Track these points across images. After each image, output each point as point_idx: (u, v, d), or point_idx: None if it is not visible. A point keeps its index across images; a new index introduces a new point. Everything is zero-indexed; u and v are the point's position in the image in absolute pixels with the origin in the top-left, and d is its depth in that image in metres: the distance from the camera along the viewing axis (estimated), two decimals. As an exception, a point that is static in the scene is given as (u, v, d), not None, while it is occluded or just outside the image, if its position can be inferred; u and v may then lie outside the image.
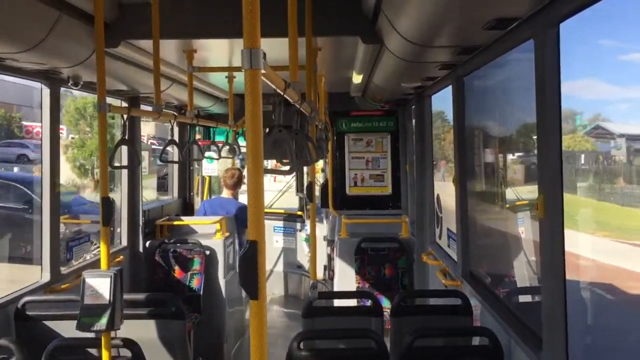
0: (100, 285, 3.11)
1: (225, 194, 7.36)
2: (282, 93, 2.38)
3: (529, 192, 4.05)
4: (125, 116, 3.87)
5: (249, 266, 1.47)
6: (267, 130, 2.55)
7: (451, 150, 4.80)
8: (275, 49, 3.07)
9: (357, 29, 3.86)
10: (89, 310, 3.11)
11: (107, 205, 3.23)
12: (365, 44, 3.97)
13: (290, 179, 10.57)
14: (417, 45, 3.25)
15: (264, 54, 1.50)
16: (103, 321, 3.08)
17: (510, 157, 4.37)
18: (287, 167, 2.79)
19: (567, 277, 2.44)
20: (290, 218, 8.88)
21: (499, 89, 4.21)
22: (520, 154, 4.29)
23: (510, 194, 4.34)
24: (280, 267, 8.86)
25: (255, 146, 1.49)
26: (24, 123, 24.14)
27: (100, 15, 3.24)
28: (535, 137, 3.11)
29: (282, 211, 9.12)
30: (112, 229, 5.64)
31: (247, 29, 1.47)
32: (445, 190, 5.09)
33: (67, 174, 18.71)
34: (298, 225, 8.79)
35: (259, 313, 1.50)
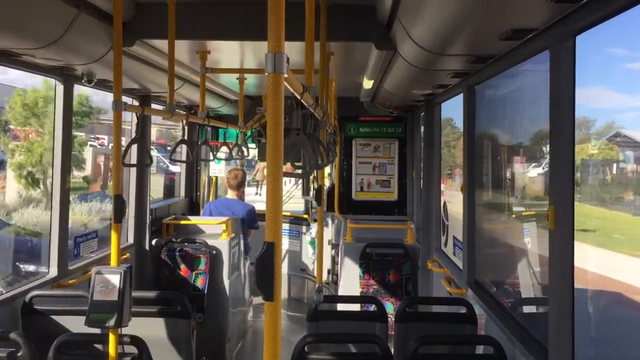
0: (110, 281, 3.13)
1: (230, 194, 7.38)
2: (299, 97, 2.40)
3: (537, 202, 4.06)
4: (137, 114, 3.91)
5: (266, 267, 1.48)
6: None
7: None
8: (288, 52, 3.09)
9: (371, 35, 3.88)
10: (98, 306, 3.12)
11: (119, 202, 3.25)
12: (378, 50, 3.99)
13: (292, 187, 10.55)
14: (431, 53, 3.27)
15: (288, 58, 1.52)
16: (112, 318, 3.09)
17: (518, 167, 4.37)
18: (299, 170, 2.80)
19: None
20: (295, 221, 8.89)
21: (510, 98, 4.22)
22: (530, 164, 4.30)
23: (517, 204, 4.34)
24: (284, 270, 8.87)
25: (276, 149, 1.50)
26: (11, 127, 23.04)
27: (119, 14, 3.27)
28: (544, 147, 3.12)
29: (288, 214, 9.14)
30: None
31: (271, 34, 1.49)
32: (459, 200, 5.05)
33: (11, 186, 15.49)
34: (303, 228, 8.81)
35: (273, 314, 1.51)
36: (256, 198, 16.86)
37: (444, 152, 6.19)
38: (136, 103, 5.75)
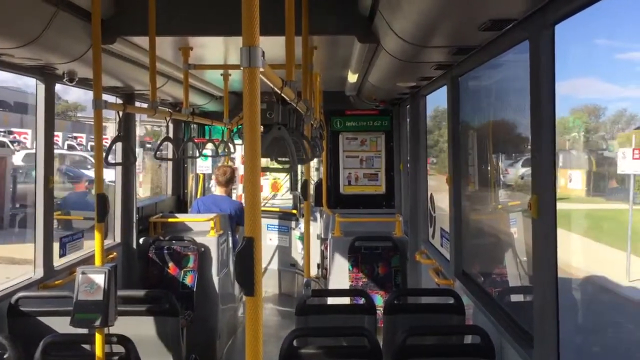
0: (95, 281, 3.11)
1: (219, 191, 7.35)
2: (279, 91, 2.39)
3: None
4: (119, 113, 3.88)
5: (245, 262, 1.48)
6: (262, 128, 2.55)
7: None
8: (271, 47, 3.07)
9: (353, 28, 3.87)
10: (83, 306, 3.10)
11: (102, 201, 3.23)
12: (361, 44, 3.99)
13: (269, 196, 10.36)
14: (413, 45, 3.27)
15: (263, 52, 1.51)
16: (97, 317, 3.07)
17: (504, 157, 4.39)
18: (286, 165, 2.80)
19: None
20: (284, 216, 8.89)
21: (494, 89, 4.23)
22: (514, 154, 4.32)
23: (503, 194, 4.37)
24: (274, 265, 8.86)
25: (253, 144, 1.50)
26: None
27: (97, 12, 3.24)
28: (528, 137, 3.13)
29: (277, 209, 9.13)
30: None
31: (245, 27, 1.48)
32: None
33: None
34: (292, 224, 8.80)
35: (254, 309, 1.51)
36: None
37: (444, 146, 6.13)
38: (120, 101, 5.71)
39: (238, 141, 7.16)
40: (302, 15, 3.54)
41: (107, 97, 5.58)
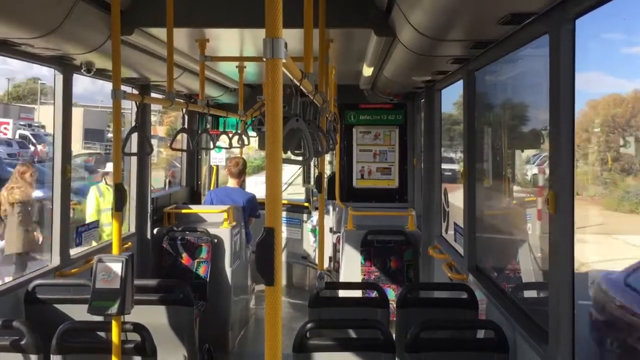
0: (112, 269, 3.14)
1: (231, 183, 7.38)
2: (298, 83, 2.40)
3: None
4: (137, 103, 3.91)
5: (265, 252, 1.49)
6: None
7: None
8: (287, 39, 3.07)
9: (370, 21, 3.87)
10: (101, 294, 3.14)
11: (120, 191, 3.26)
12: (378, 37, 3.98)
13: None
14: (430, 39, 3.26)
15: (285, 43, 1.52)
16: (114, 305, 3.11)
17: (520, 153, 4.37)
18: (299, 157, 2.80)
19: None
20: (296, 209, 8.91)
21: (511, 84, 4.21)
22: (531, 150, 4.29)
23: (518, 190, 4.35)
24: (285, 258, 8.90)
25: (275, 135, 1.51)
26: None
27: (117, 3, 3.26)
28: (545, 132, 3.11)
29: (287, 202, 9.16)
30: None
31: (269, 19, 1.49)
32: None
33: None
34: (304, 216, 8.82)
35: (274, 299, 1.52)
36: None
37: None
38: (135, 92, 5.74)
39: (252, 133, 7.18)
40: (320, 8, 3.53)
41: (123, 88, 5.64)
